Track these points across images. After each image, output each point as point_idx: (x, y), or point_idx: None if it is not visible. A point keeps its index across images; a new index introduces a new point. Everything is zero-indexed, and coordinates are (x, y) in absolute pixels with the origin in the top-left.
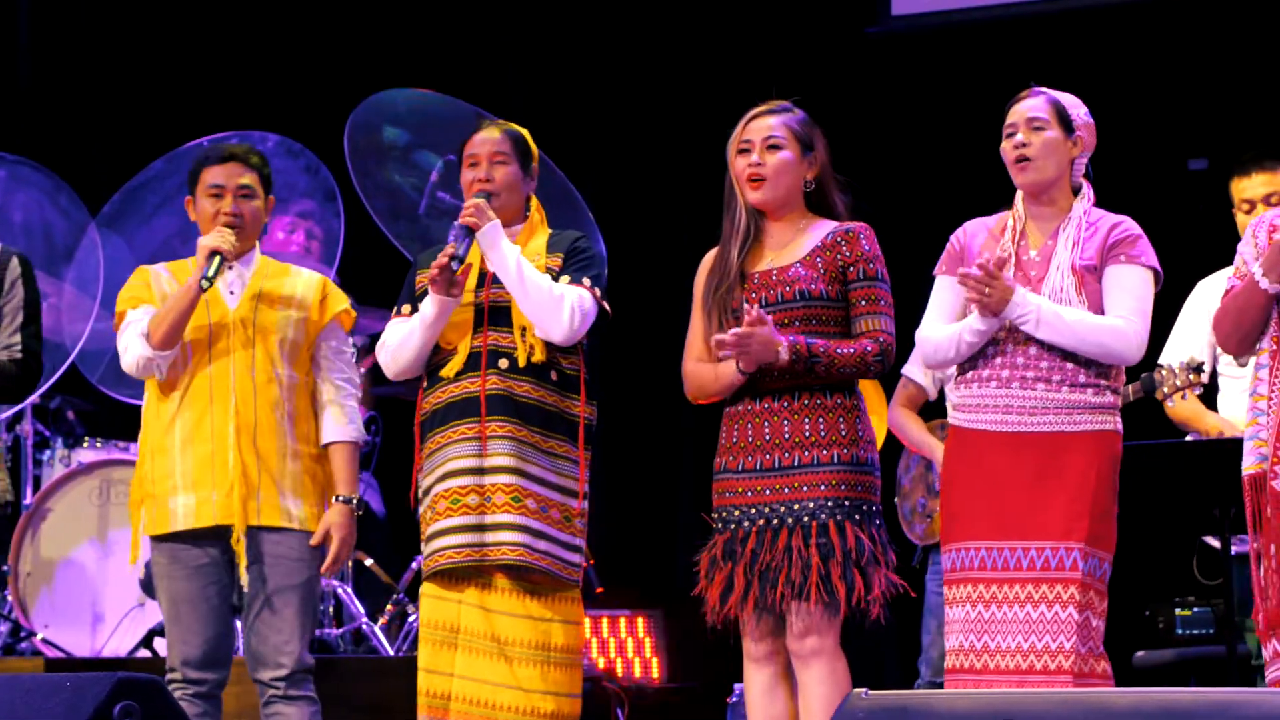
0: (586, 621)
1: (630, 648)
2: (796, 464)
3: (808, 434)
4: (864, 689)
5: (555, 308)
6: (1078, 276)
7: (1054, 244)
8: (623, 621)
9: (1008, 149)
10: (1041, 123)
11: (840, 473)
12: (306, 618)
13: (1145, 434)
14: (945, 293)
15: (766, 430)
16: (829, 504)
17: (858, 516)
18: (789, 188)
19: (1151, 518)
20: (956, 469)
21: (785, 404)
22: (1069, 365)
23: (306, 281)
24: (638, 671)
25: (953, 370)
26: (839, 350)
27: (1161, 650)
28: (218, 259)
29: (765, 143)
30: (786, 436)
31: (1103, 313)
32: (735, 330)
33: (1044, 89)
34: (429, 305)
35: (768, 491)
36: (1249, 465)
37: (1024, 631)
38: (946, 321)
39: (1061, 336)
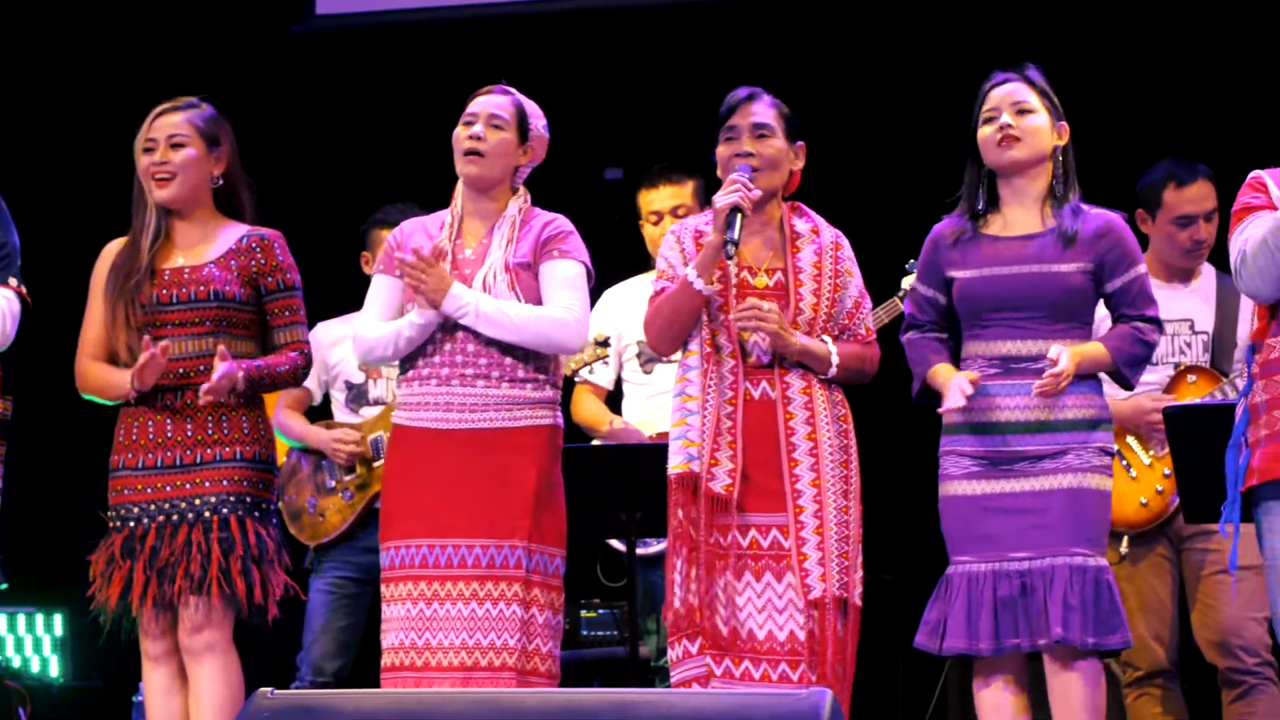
0: None
1: (34, 645)
2: (199, 461)
3: (210, 431)
4: (270, 688)
5: None
6: (511, 273)
7: (489, 242)
8: (23, 618)
9: (461, 137)
10: (501, 122)
11: (242, 469)
12: None
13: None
14: (383, 291)
15: (168, 427)
16: (230, 499)
17: (258, 514)
18: (194, 185)
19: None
20: (398, 467)
21: (188, 402)
22: (508, 361)
23: None
24: (41, 670)
25: (339, 371)
26: (277, 368)
27: (566, 651)
28: None
29: (169, 141)
30: (189, 434)
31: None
32: (210, 384)
33: (513, 90)
34: None
35: (168, 488)
36: (675, 465)
37: (468, 629)
38: (384, 319)
39: (502, 330)
